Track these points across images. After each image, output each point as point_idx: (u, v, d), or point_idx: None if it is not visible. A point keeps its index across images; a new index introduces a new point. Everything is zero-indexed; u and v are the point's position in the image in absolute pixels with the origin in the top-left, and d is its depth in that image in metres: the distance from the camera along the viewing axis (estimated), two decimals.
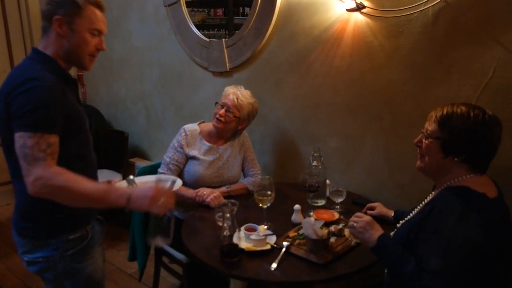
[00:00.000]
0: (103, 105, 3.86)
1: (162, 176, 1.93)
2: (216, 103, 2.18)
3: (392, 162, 2.02)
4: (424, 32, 1.79)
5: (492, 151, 1.29)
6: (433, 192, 1.45)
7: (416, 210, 1.43)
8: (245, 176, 2.28)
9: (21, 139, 1.19)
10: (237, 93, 2.13)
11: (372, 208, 1.85)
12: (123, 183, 1.63)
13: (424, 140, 1.35)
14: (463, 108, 1.28)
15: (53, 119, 1.23)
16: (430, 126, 1.33)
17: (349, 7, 1.97)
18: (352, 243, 1.55)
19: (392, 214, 1.76)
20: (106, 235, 3.01)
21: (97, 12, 1.39)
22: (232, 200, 1.72)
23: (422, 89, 1.85)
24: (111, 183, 1.52)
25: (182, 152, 2.14)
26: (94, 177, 1.48)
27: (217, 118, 2.11)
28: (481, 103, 1.69)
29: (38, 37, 4.05)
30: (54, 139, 1.23)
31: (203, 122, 2.28)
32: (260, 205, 1.73)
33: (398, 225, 1.43)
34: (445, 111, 1.30)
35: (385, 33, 1.92)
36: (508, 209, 1.30)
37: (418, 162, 1.39)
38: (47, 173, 1.18)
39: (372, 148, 2.09)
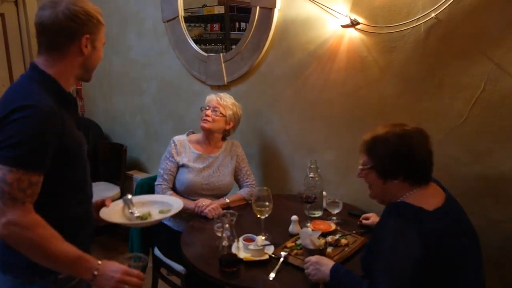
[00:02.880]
0: (102, 118, 3.90)
1: (164, 199, 1.83)
2: (201, 108, 2.25)
3: None
4: (417, 47, 1.85)
5: (426, 162, 1.31)
6: None
7: None
8: (240, 187, 2.31)
9: (0, 171, 1.05)
10: (219, 95, 2.25)
11: (367, 218, 1.89)
12: (119, 202, 1.59)
13: (362, 172, 1.39)
14: (384, 130, 1.34)
15: (42, 155, 1.09)
16: (362, 157, 1.38)
17: (343, 23, 2.03)
18: (346, 248, 1.56)
19: None
20: (103, 247, 3.00)
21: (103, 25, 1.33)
22: (231, 211, 1.75)
23: (415, 103, 1.91)
24: (106, 202, 1.48)
25: (173, 161, 2.19)
26: (89, 208, 1.38)
27: (204, 119, 2.18)
28: (473, 116, 1.74)
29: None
30: (37, 178, 1.09)
31: (192, 132, 2.33)
32: (258, 215, 1.75)
33: None
34: (368, 138, 1.36)
35: (378, 48, 1.98)
36: (457, 217, 1.30)
37: (369, 192, 1.42)
38: (24, 221, 1.05)
39: None
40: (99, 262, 1.16)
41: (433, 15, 1.77)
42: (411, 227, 1.19)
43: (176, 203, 1.68)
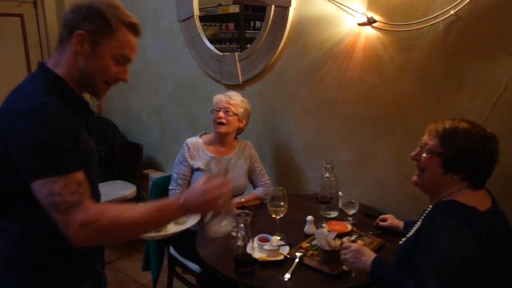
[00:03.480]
0: (118, 117, 3.94)
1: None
2: (212, 111, 2.24)
3: (404, 174, 2.02)
4: (435, 45, 1.82)
5: (491, 169, 1.28)
6: (430, 207, 1.43)
7: (416, 225, 1.43)
8: (255, 187, 2.31)
9: (44, 187, 0.97)
10: (227, 95, 2.22)
11: (384, 220, 1.86)
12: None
13: (423, 155, 1.32)
14: (465, 124, 1.27)
15: (72, 152, 1.02)
16: (430, 140, 1.30)
17: (360, 22, 2.01)
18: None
19: (403, 225, 1.76)
20: (118, 246, 3.02)
21: (131, 37, 1.14)
22: (246, 211, 1.75)
23: (433, 102, 1.87)
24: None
25: (187, 165, 2.17)
26: None
27: (218, 123, 2.16)
28: (494, 116, 1.70)
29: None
30: (81, 175, 1.02)
31: (205, 133, 2.33)
32: (273, 215, 1.75)
33: (401, 242, 1.43)
34: (447, 126, 1.28)
35: (396, 46, 1.95)
36: (504, 219, 1.29)
37: (415, 177, 1.36)
38: (90, 216, 0.98)
39: (384, 160, 2.10)
40: (180, 198, 1.06)
41: (452, 12, 1.73)
42: (465, 227, 1.17)
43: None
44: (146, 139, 3.65)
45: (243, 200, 2.14)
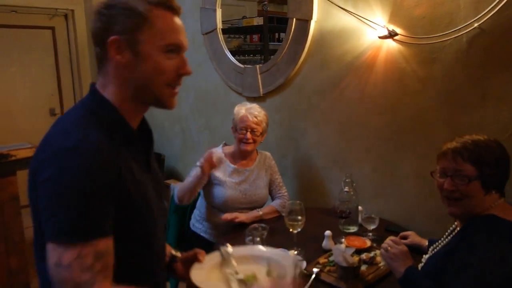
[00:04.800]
0: None
1: (273, 253, 1.30)
2: (233, 127, 2.22)
3: (426, 189, 1.97)
4: (458, 58, 1.78)
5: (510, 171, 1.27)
6: (456, 222, 1.40)
7: (442, 241, 1.39)
8: (273, 198, 2.30)
9: (53, 253, 0.77)
10: (251, 112, 2.17)
11: (405, 237, 1.81)
12: (215, 256, 1.19)
13: (460, 183, 1.24)
14: (480, 138, 1.26)
15: (101, 215, 0.80)
16: (461, 166, 1.24)
17: (381, 35, 1.99)
18: (381, 265, 1.49)
19: (426, 243, 1.71)
20: None
21: (169, 16, 0.90)
22: (262, 224, 1.74)
23: (456, 116, 1.82)
24: (199, 256, 1.11)
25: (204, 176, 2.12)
26: (161, 268, 1.06)
27: (245, 142, 2.15)
28: None
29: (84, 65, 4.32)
30: (104, 244, 0.79)
31: (226, 144, 2.33)
32: (291, 230, 1.73)
33: (426, 256, 1.39)
34: (470, 147, 1.24)
35: (418, 59, 1.92)
36: None
37: (452, 208, 1.29)
38: None
39: (405, 175, 2.06)
40: None
41: (476, 25, 1.69)
42: (506, 242, 1.15)
43: (288, 261, 1.19)
44: (168, 149, 3.71)
45: (261, 213, 2.13)
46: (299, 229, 1.73)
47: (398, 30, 1.95)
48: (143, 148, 0.99)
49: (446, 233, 1.41)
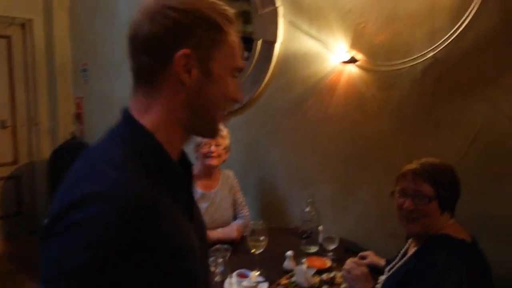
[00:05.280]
0: None
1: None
2: (195, 146, 2.17)
3: (384, 210, 2.04)
4: (414, 85, 1.87)
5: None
6: (409, 241, 1.46)
7: (397, 262, 1.43)
8: (234, 218, 2.28)
9: None
10: None
11: (364, 257, 1.85)
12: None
13: (420, 203, 1.31)
14: (436, 161, 1.36)
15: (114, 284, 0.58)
16: (420, 186, 1.30)
17: (343, 60, 2.07)
18: (342, 286, 1.51)
19: (384, 262, 1.76)
20: None
21: (237, 35, 0.76)
22: (225, 246, 1.72)
23: (412, 140, 1.91)
24: None
25: None
26: None
27: (209, 157, 2.13)
28: (470, 155, 1.74)
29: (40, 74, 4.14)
30: None
31: None
32: (253, 250, 1.73)
33: (382, 277, 1.43)
34: (428, 169, 1.32)
35: (377, 85, 2.00)
36: (481, 252, 1.33)
37: (411, 226, 1.34)
38: None
39: (365, 196, 2.12)
40: None
41: (431, 54, 1.80)
42: (460, 261, 1.21)
43: None
44: None
45: (224, 232, 2.10)
46: (261, 250, 1.72)
47: (359, 56, 2.03)
48: (185, 188, 0.77)
49: (400, 254, 1.45)
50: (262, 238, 1.71)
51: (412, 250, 1.42)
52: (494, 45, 1.65)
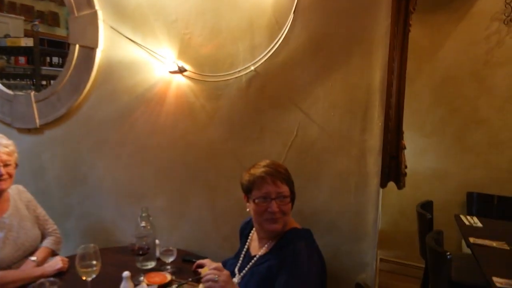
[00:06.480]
0: None
1: None
2: None
3: (217, 215, 2.11)
4: (240, 96, 2.00)
5: None
6: (248, 241, 1.60)
7: (245, 262, 1.51)
8: (43, 237, 1.99)
9: None
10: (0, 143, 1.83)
11: (202, 265, 1.87)
12: None
13: (282, 204, 1.42)
14: (276, 162, 1.53)
15: None
16: (281, 188, 1.42)
17: (171, 70, 2.06)
18: None
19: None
20: None
21: None
22: (52, 279, 1.50)
23: (240, 147, 2.03)
24: None
25: None
26: None
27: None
28: (290, 158, 1.95)
29: None
30: None
31: None
32: (84, 278, 1.55)
33: (235, 279, 1.47)
34: (283, 169, 1.47)
35: (205, 95, 2.06)
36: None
37: (277, 225, 1.43)
38: None
39: (199, 204, 2.15)
40: None
41: (252, 68, 1.95)
42: (314, 248, 1.41)
43: None
44: None
45: (37, 260, 1.81)
46: (94, 275, 1.56)
47: (187, 66, 2.06)
48: None
49: (243, 255, 1.52)
50: (94, 262, 1.55)
51: (261, 249, 1.50)
52: (302, 60, 1.89)
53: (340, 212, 1.86)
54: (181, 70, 2.04)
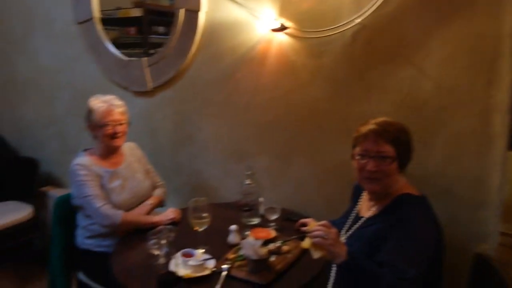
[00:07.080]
0: (7, 129, 3.48)
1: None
2: (92, 125, 2.02)
3: (320, 177, 2.09)
4: (344, 52, 1.90)
5: None
6: (363, 198, 1.53)
7: (352, 223, 1.47)
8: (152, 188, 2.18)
9: None
10: (112, 104, 2.01)
11: (305, 224, 1.87)
12: None
13: (382, 164, 1.32)
14: (392, 120, 1.38)
15: None
16: (381, 147, 1.32)
17: (272, 28, 2.02)
18: (315, 257, 1.35)
19: None
20: (17, 274, 2.67)
21: None
22: (169, 226, 1.64)
23: (345, 106, 1.95)
24: None
25: (96, 180, 1.94)
26: None
27: (116, 138, 1.98)
28: (399, 118, 1.80)
29: None
30: None
31: (86, 149, 2.10)
32: (196, 228, 1.66)
33: (341, 238, 1.45)
34: (389, 127, 1.34)
35: (307, 52, 2.00)
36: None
37: (374, 185, 1.37)
38: None
39: (301, 163, 2.15)
40: None
41: (358, 20, 1.83)
42: (430, 214, 1.31)
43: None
44: (43, 154, 3.27)
45: (152, 204, 2.04)
46: (205, 227, 1.66)
47: (288, 23, 2.00)
48: None
49: (352, 216, 1.49)
50: (205, 214, 1.65)
51: (369, 211, 1.46)
52: (415, 10, 1.72)
53: (457, 176, 1.70)
54: (283, 28, 2.00)
